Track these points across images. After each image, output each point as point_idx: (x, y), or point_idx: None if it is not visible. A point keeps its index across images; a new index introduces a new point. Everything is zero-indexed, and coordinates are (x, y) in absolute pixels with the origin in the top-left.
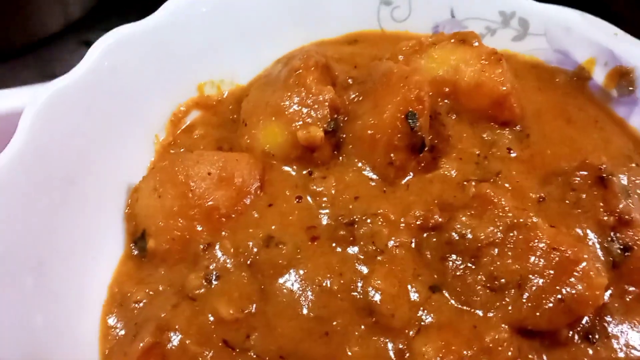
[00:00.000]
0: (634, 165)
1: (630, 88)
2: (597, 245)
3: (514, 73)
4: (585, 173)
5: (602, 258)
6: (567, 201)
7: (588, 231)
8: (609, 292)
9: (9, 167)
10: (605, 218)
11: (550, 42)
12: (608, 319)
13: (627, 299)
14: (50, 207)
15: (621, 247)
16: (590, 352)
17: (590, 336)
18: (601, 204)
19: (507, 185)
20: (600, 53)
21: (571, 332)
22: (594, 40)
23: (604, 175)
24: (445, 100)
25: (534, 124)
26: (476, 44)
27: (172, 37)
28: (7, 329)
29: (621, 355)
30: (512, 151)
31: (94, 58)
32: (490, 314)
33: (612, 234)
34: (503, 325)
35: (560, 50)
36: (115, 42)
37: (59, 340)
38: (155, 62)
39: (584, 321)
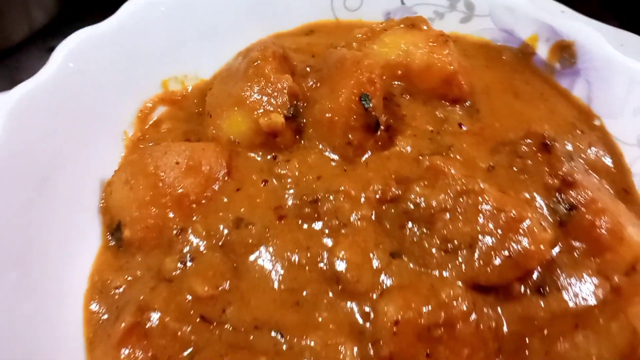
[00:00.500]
0: (578, 132)
1: (572, 60)
2: (544, 207)
3: (463, 53)
4: (530, 141)
5: (550, 219)
6: (514, 168)
7: (535, 194)
8: (558, 248)
9: None
10: (550, 181)
11: (495, 22)
12: (558, 272)
13: (575, 255)
14: (27, 204)
15: (566, 206)
16: (542, 304)
17: (541, 289)
18: (546, 169)
19: (458, 157)
20: (542, 29)
21: (523, 287)
22: (536, 17)
23: (548, 141)
24: (399, 83)
25: (483, 99)
26: (425, 27)
27: (134, 37)
28: None
29: (571, 304)
30: (463, 126)
31: (59, 61)
32: (446, 274)
33: (557, 195)
34: (458, 283)
35: (505, 29)
36: (78, 45)
37: (46, 327)
38: (118, 61)
39: (535, 276)
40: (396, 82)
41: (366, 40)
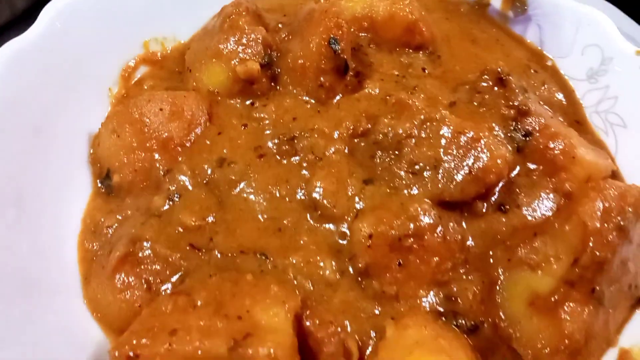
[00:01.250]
0: (532, 71)
1: (524, 7)
2: (503, 136)
3: (425, 8)
4: (488, 77)
5: (509, 147)
6: (474, 103)
7: (494, 125)
8: (517, 171)
9: None
10: (507, 112)
11: None
12: (517, 192)
13: (533, 177)
14: (21, 153)
15: (523, 133)
16: (504, 220)
17: (502, 207)
18: (502, 101)
19: (422, 95)
20: None
21: (486, 205)
22: None
23: (502, 76)
24: (366, 34)
25: (444, 47)
26: None
27: (116, 0)
28: None
29: (530, 219)
30: (426, 70)
31: (46, 21)
32: (414, 192)
33: (514, 124)
34: (425, 200)
35: None
36: (64, 6)
37: (43, 263)
38: (102, 22)
39: (496, 196)
40: (363, 34)
41: None
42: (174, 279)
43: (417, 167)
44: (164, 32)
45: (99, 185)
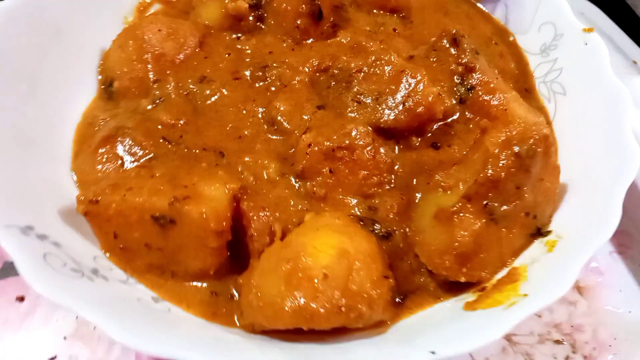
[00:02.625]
0: (494, 43)
1: None
2: (450, 88)
3: None
4: (445, 38)
5: (454, 100)
6: (431, 59)
7: (443, 78)
8: (456, 117)
9: (10, 14)
10: (455, 67)
11: None
12: (451, 134)
13: (470, 125)
14: (42, 49)
15: (467, 86)
16: (433, 155)
17: (435, 144)
18: (452, 59)
19: (383, 46)
20: None
21: (420, 140)
22: None
23: (457, 37)
24: None
25: (418, 14)
26: None
27: None
28: (5, 112)
29: (457, 155)
30: (396, 30)
31: None
32: (355, 117)
33: (460, 78)
34: (363, 124)
35: None
36: None
37: (46, 133)
38: None
39: (431, 135)
40: None
41: None
42: (142, 160)
43: (361, 97)
44: None
45: (103, 90)
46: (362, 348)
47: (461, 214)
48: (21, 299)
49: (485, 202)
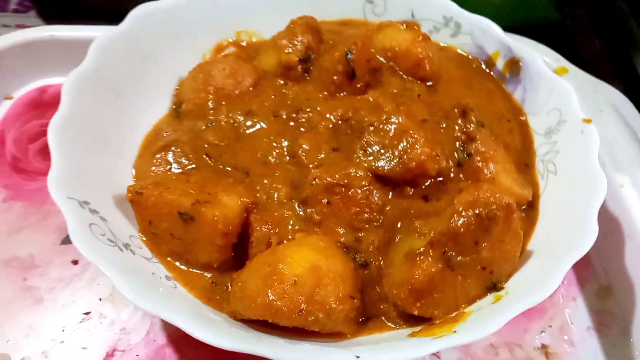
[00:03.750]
0: (507, 120)
1: (518, 72)
2: (451, 152)
3: (445, 58)
4: (457, 109)
5: (451, 162)
6: (442, 124)
7: (447, 141)
8: (451, 176)
9: (111, 40)
10: (459, 135)
11: (473, 40)
12: (443, 191)
13: (462, 185)
14: (130, 69)
15: (466, 153)
16: (422, 206)
17: (426, 196)
18: (458, 127)
19: (402, 108)
20: (501, 48)
21: (413, 191)
22: (499, 39)
23: (465, 109)
24: (387, 62)
25: (444, 85)
26: (415, 28)
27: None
28: (92, 115)
29: (452, 207)
30: (420, 96)
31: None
32: (359, 162)
33: (462, 145)
34: (364, 168)
35: (478, 45)
36: None
37: (120, 133)
38: (209, 13)
39: (424, 188)
40: (384, 60)
41: (376, 30)
42: (185, 169)
43: (368, 147)
44: (254, 28)
45: (173, 109)
46: (307, 345)
47: (422, 257)
48: (75, 262)
49: (444, 250)
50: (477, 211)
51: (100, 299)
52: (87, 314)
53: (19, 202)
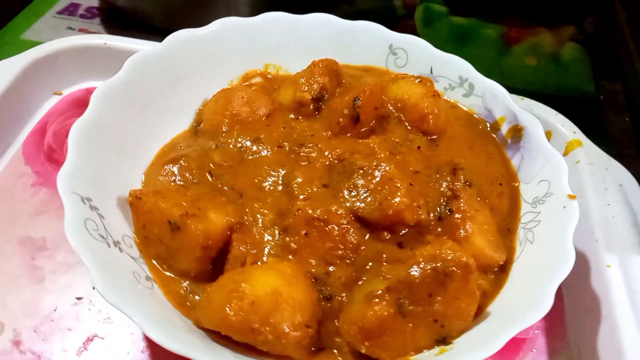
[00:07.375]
0: (499, 184)
1: (520, 139)
2: (434, 206)
3: (454, 115)
4: (448, 167)
5: (433, 214)
6: (432, 178)
7: (433, 195)
8: (430, 228)
9: (145, 59)
10: (445, 190)
11: (483, 102)
12: (419, 241)
13: (440, 238)
14: (159, 86)
15: (448, 209)
16: (395, 252)
17: (401, 243)
18: (446, 184)
19: (398, 157)
20: (508, 114)
21: (389, 237)
22: (507, 105)
23: (455, 168)
24: (396, 112)
25: (446, 142)
26: (428, 84)
27: (256, 34)
28: (116, 124)
29: (414, 258)
30: (419, 148)
31: (214, 29)
32: (343, 201)
33: (446, 201)
34: (346, 207)
35: (487, 108)
36: (226, 24)
37: (139, 143)
38: (242, 47)
39: (401, 235)
40: (393, 110)
41: (391, 81)
42: (186, 182)
43: (353, 189)
44: (282, 63)
45: (193, 127)
46: None
47: (378, 299)
48: None
49: (398, 297)
50: (435, 265)
51: (93, 288)
52: (79, 299)
53: (45, 189)
